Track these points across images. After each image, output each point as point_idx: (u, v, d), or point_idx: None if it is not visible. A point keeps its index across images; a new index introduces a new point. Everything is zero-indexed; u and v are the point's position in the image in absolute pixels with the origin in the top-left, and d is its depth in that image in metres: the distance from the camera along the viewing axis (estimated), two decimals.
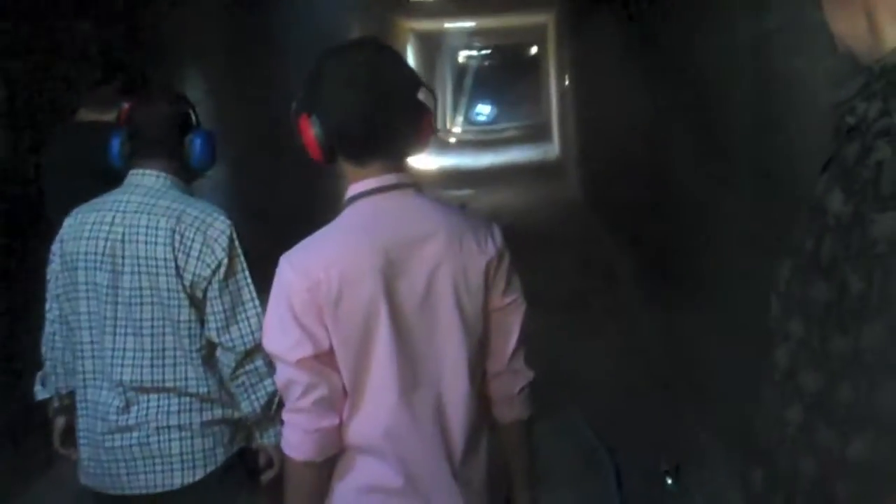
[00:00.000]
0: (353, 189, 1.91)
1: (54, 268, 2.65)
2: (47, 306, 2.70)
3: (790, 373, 1.17)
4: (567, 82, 14.94)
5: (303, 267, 1.81)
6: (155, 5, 5.91)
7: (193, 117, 2.70)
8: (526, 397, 2.05)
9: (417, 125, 1.92)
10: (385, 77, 1.86)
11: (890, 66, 1.12)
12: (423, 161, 18.96)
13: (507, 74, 32.42)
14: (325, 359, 1.81)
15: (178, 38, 6.29)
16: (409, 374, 1.85)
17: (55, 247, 2.64)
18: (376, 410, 1.84)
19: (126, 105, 3.46)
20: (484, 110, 32.49)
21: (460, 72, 32.52)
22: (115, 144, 2.72)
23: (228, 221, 2.57)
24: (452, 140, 26.19)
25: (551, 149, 19.30)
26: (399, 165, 1.92)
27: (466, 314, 1.89)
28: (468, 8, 16.78)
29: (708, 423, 4.75)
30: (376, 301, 1.81)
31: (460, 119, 31.58)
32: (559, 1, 14.66)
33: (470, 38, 25.61)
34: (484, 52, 32.48)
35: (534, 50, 28.54)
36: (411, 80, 1.92)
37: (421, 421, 1.86)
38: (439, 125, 25.54)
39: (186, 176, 2.69)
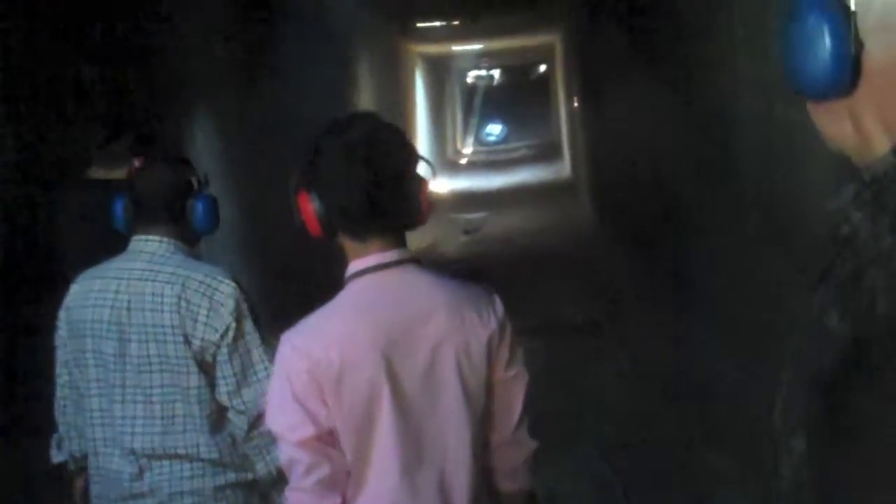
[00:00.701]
0: (354, 266, 1.92)
1: (61, 335, 2.67)
2: (57, 371, 2.72)
3: (797, 487, 1.15)
4: (576, 102, 14.96)
5: (304, 347, 1.83)
6: (162, 51, 5.94)
7: (195, 181, 2.72)
8: (529, 468, 2.05)
9: (417, 199, 1.93)
10: (384, 153, 1.88)
11: (880, 175, 1.11)
12: (434, 184, 18.99)
13: (516, 93, 32.48)
14: (326, 438, 1.82)
15: (186, 76, 6.33)
16: (412, 452, 1.85)
17: (61, 314, 2.66)
18: (379, 490, 1.85)
19: (136, 162, 3.50)
20: (494, 130, 32.55)
21: (469, 92, 32.58)
22: (119, 210, 2.75)
23: (234, 284, 2.58)
24: (463, 161, 26.22)
25: (563, 168, 19.32)
26: (399, 240, 1.94)
27: (470, 388, 1.90)
28: (475, 31, 16.82)
29: (725, 449, 4.72)
30: (378, 381, 1.82)
31: (471, 140, 31.63)
32: (565, 21, 14.69)
33: (478, 59, 25.68)
34: (492, 71, 32.54)
35: (542, 68, 28.59)
36: (410, 155, 1.94)
37: (424, 499, 1.87)
38: (450, 146, 25.61)
39: (190, 239, 2.71)
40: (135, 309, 2.54)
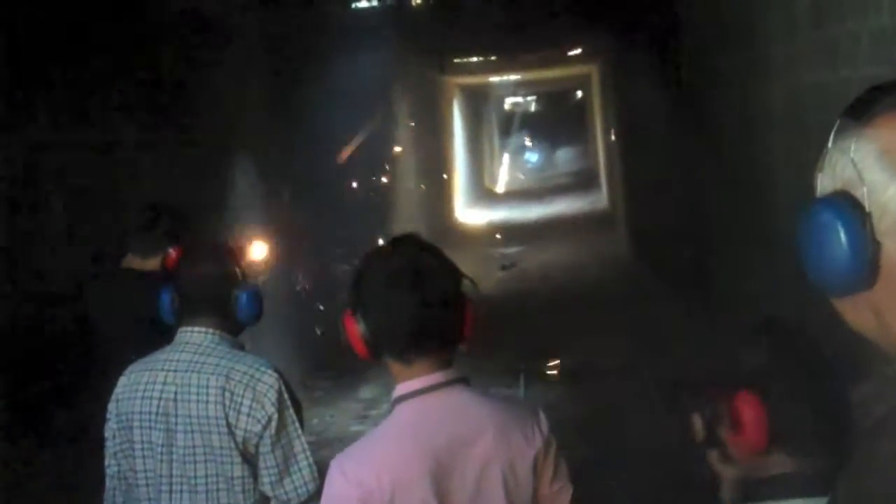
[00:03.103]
0: (401, 389, 1.95)
1: (111, 426, 2.74)
2: (106, 463, 2.78)
3: None
4: (613, 134, 14.97)
5: (355, 476, 1.87)
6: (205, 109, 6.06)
7: (239, 273, 2.79)
8: None
9: (461, 319, 1.97)
10: (427, 276, 1.92)
11: None
12: (472, 216, 19.06)
13: (553, 120, 32.47)
14: None
15: (223, 127, 6.46)
16: None
17: (111, 406, 2.74)
18: None
19: (171, 251, 3.57)
20: (531, 157, 32.57)
21: (507, 119, 32.60)
22: (165, 302, 2.83)
23: (276, 375, 2.65)
24: (500, 190, 26.24)
25: (600, 198, 19.28)
26: (445, 361, 1.96)
27: None
28: (512, 64, 16.89)
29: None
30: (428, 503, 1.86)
31: (507, 167, 31.64)
32: (601, 55, 14.72)
33: (515, 87, 25.74)
34: (529, 98, 32.56)
35: (579, 94, 28.59)
36: (452, 275, 1.97)
37: None
38: (487, 175, 25.58)
39: (234, 329, 2.78)
40: (181, 400, 2.61)
